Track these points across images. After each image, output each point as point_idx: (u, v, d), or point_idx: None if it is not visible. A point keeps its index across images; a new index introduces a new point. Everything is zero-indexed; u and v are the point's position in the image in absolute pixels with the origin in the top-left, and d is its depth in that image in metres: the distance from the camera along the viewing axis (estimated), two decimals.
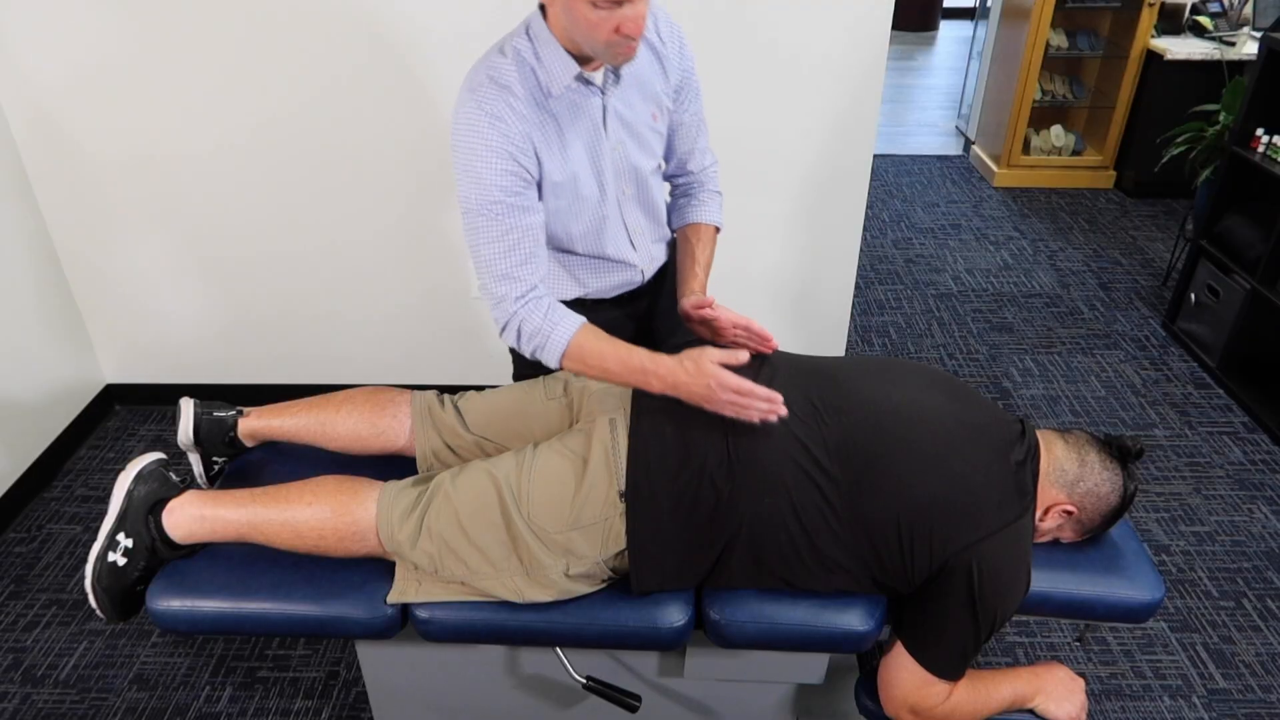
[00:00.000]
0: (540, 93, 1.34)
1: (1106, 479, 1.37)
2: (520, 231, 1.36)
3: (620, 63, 1.33)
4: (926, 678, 1.30)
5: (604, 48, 1.28)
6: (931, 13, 7.63)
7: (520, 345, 1.41)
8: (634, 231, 1.55)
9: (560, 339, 1.36)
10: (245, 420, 1.60)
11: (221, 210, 2.52)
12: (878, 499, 1.29)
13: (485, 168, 1.31)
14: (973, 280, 3.70)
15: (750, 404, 1.26)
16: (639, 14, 1.24)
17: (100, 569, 1.37)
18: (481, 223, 1.34)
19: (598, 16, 1.23)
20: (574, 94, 1.37)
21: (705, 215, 1.62)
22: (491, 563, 1.34)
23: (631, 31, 1.25)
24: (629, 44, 1.27)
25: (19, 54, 2.29)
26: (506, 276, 1.37)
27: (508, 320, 1.39)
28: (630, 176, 1.49)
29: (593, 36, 1.26)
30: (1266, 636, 2.09)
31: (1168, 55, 4.05)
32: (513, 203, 1.34)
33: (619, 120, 1.43)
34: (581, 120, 1.39)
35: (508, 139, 1.31)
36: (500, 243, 1.35)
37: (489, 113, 1.31)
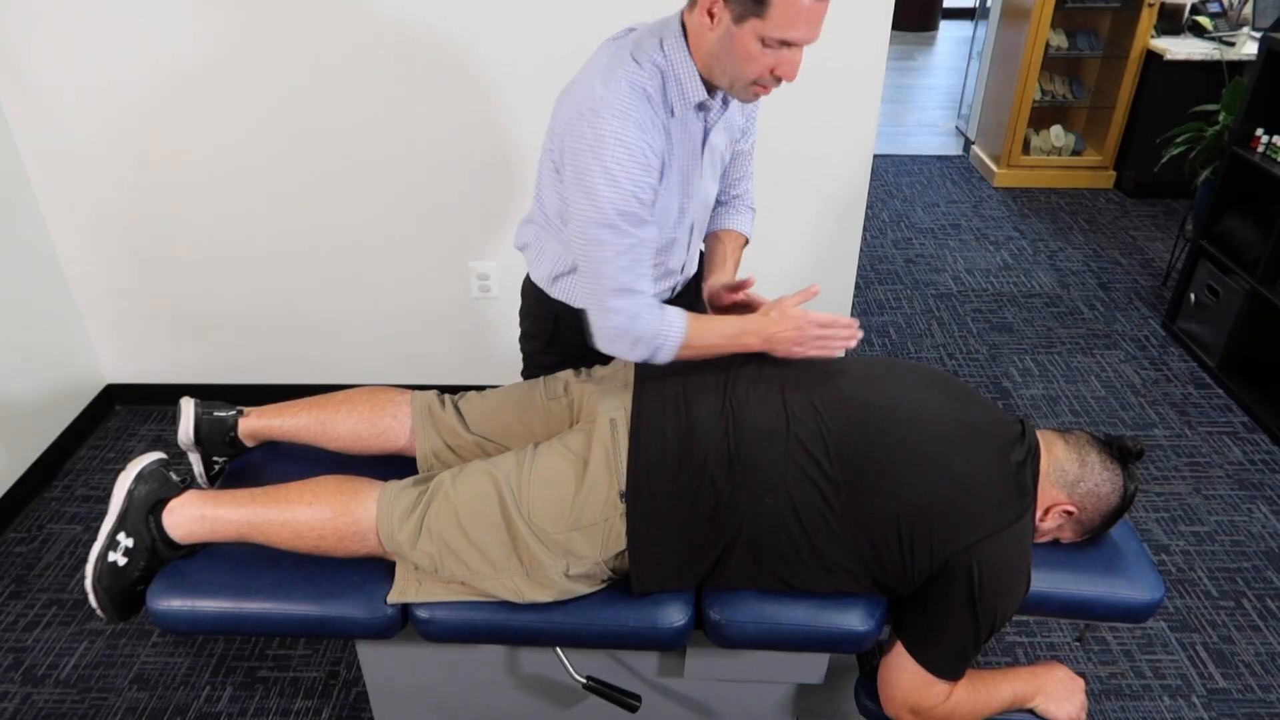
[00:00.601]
0: (667, 111, 1.33)
1: (1107, 479, 1.37)
2: (643, 245, 1.33)
3: (748, 99, 1.33)
4: (926, 678, 1.30)
5: (746, 85, 1.27)
6: (931, 13, 7.63)
7: (630, 353, 1.38)
8: (692, 255, 1.59)
9: (676, 338, 1.36)
10: (245, 420, 1.60)
11: (222, 211, 2.52)
12: (878, 499, 1.29)
13: (626, 176, 1.26)
14: (973, 280, 3.70)
15: (836, 335, 1.36)
16: (797, 60, 1.25)
17: (100, 569, 1.37)
18: (608, 235, 1.29)
19: (759, 53, 1.22)
20: (689, 116, 1.37)
21: (739, 224, 1.65)
22: (491, 563, 1.34)
23: (786, 75, 1.26)
24: (771, 85, 1.28)
25: (20, 54, 2.29)
26: (626, 290, 1.33)
27: (620, 332, 1.35)
28: (703, 203, 1.51)
29: (743, 71, 1.25)
30: (1266, 636, 2.09)
31: (1168, 55, 4.05)
32: (643, 214, 1.30)
33: (711, 152, 1.44)
34: (688, 145, 1.39)
35: (652, 149, 1.28)
36: (627, 255, 1.31)
37: (635, 121, 1.26)
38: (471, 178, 2.49)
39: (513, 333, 2.80)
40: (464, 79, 2.34)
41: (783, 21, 1.19)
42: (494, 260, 2.62)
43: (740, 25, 1.21)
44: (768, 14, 1.19)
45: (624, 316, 1.34)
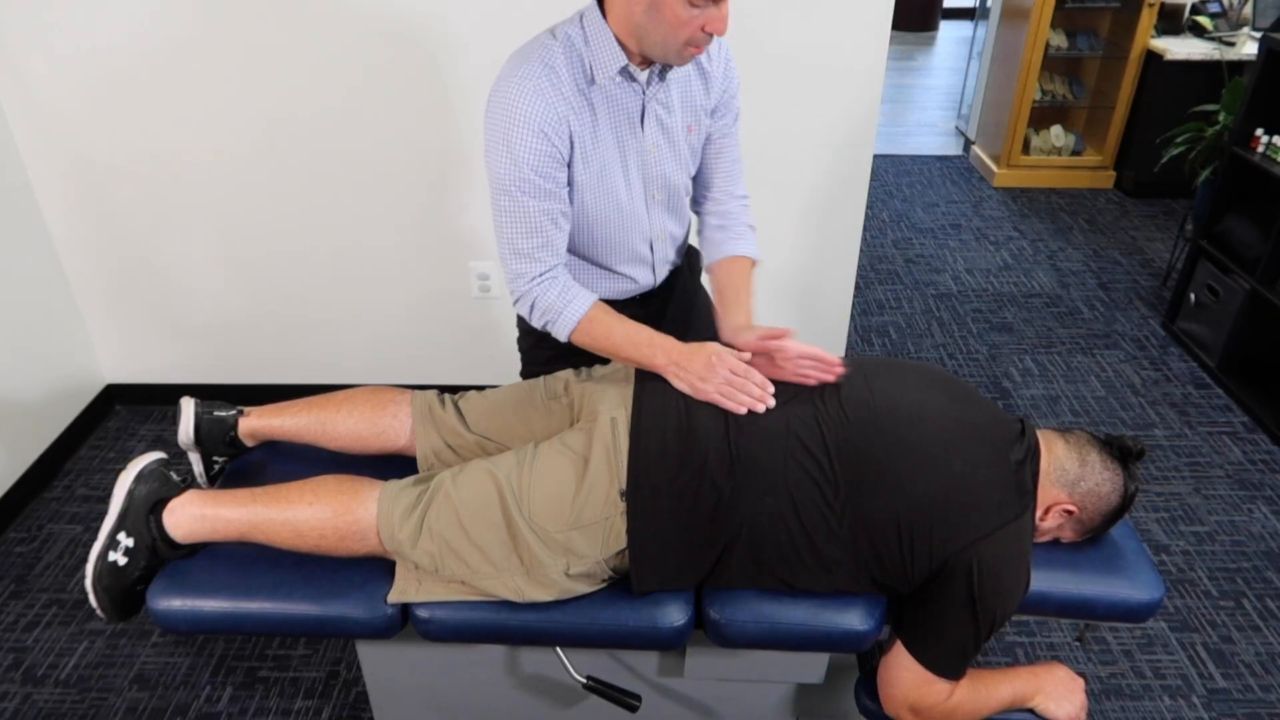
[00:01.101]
0: (584, 79, 1.35)
1: (1107, 479, 1.37)
2: (544, 214, 1.37)
3: (684, 62, 1.33)
4: (927, 677, 1.30)
5: (680, 46, 1.28)
6: (931, 13, 7.63)
7: (532, 318, 1.45)
8: (658, 236, 1.56)
9: (573, 315, 1.41)
10: (246, 420, 1.60)
11: (222, 211, 2.53)
12: (877, 499, 1.29)
13: (521, 144, 1.31)
14: (973, 280, 3.70)
15: (743, 386, 1.33)
16: (726, 14, 1.26)
17: (101, 568, 1.37)
18: (506, 201, 1.35)
19: (689, 15, 1.23)
20: (616, 86, 1.37)
21: (742, 248, 1.61)
22: (492, 562, 1.34)
23: (717, 30, 1.26)
24: (704, 43, 1.29)
25: (20, 54, 2.29)
26: (525, 255, 1.39)
27: (521, 295, 1.43)
28: (661, 181, 1.49)
29: (674, 35, 1.26)
30: (1266, 636, 2.09)
31: (1168, 55, 4.05)
32: (542, 183, 1.34)
33: (657, 123, 1.43)
34: (619, 114, 1.39)
35: (547, 117, 1.30)
36: (524, 223, 1.36)
37: (532, 89, 1.30)
38: (472, 177, 2.49)
39: (513, 333, 2.80)
40: (464, 79, 2.34)
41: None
42: (494, 260, 2.61)
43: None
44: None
45: (524, 281, 1.41)
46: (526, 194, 1.34)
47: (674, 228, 1.60)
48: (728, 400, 1.34)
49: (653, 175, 1.47)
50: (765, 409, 1.33)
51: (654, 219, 1.53)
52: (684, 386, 1.37)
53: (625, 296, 1.61)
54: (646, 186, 1.48)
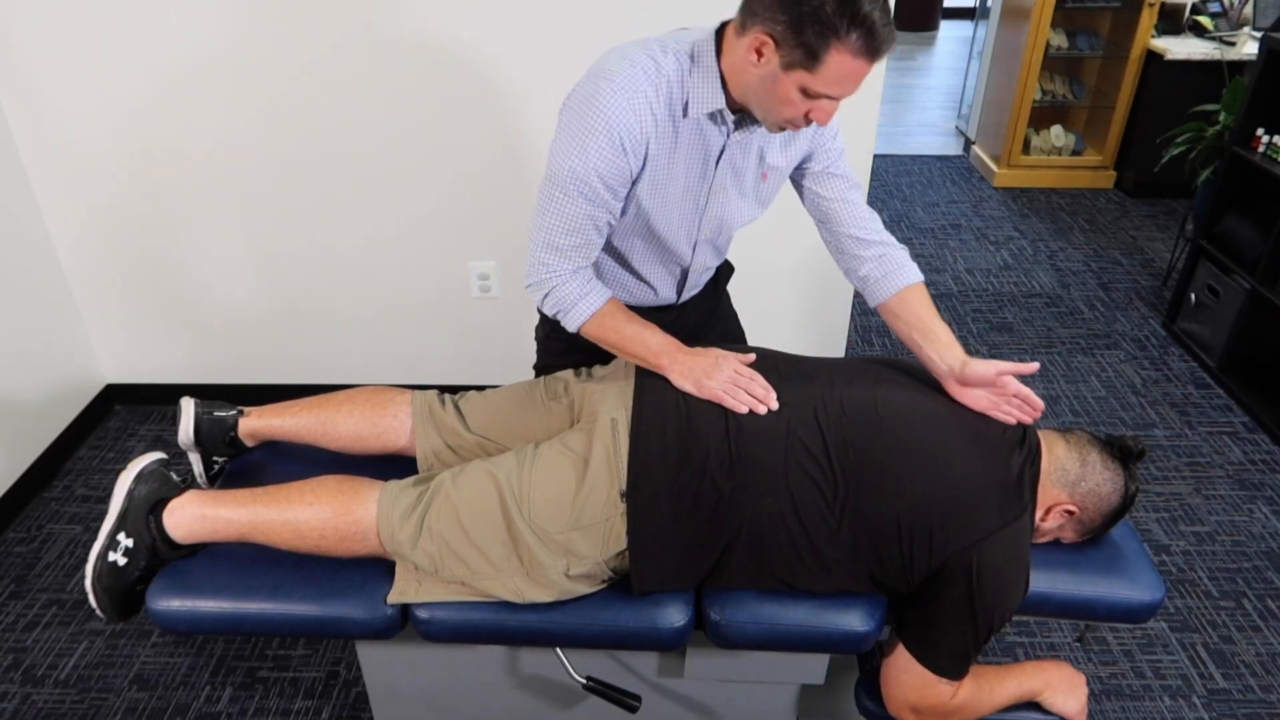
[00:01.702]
0: (679, 107, 1.30)
1: (1108, 479, 1.37)
2: (590, 219, 1.35)
3: (776, 131, 1.31)
4: (929, 678, 1.30)
5: (776, 119, 1.26)
6: (931, 13, 7.64)
7: (544, 305, 1.44)
8: (694, 268, 1.56)
9: (586, 308, 1.41)
10: (246, 420, 1.59)
11: (222, 211, 2.52)
12: (878, 499, 1.29)
13: (595, 148, 1.27)
14: (973, 280, 3.70)
15: (747, 386, 1.34)
16: (834, 109, 1.23)
17: (100, 569, 1.37)
18: (559, 195, 1.32)
19: (799, 100, 1.21)
20: (704, 124, 1.34)
21: (909, 276, 1.51)
22: (492, 563, 1.34)
23: (820, 120, 1.24)
24: (802, 125, 1.26)
25: (20, 54, 2.29)
26: (558, 250, 1.38)
27: (539, 283, 1.42)
28: (716, 224, 1.47)
29: (777, 112, 1.24)
30: (1266, 636, 2.09)
31: (1168, 55, 4.05)
32: (601, 191, 1.31)
33: (730, 167, 1.40)
34: (698, 150, 1.36)
35: (631, 132, 1.27)
36: (568, 221, 1.34)
37: (627, 100, 1.25)
38: (472, 177, 2.48)
39: (513, 333, 2.80)
40: (465, 79, 2.34)
41: (831, 79, 1.17)
42: (494, 260, 2.61)
43: (787, 73, 1.18)
44: (818, 70, 1.16)
45: (547, 270, 1.40)
46: (582, 195, 1.31)
47: (712, 261, 1.60)
48: (730, 398, 1.34)
49: (711, 215, 1.46)
50: (766, 411, 1.33)
51: (697, 254, 1.53)
52: (688, 385, 1.37)
53: (644, 305, 1.59)
54: (701, 224, 1.46)
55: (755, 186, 1.47)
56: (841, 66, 1.15)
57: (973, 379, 1.37)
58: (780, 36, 1.15)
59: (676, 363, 1.39)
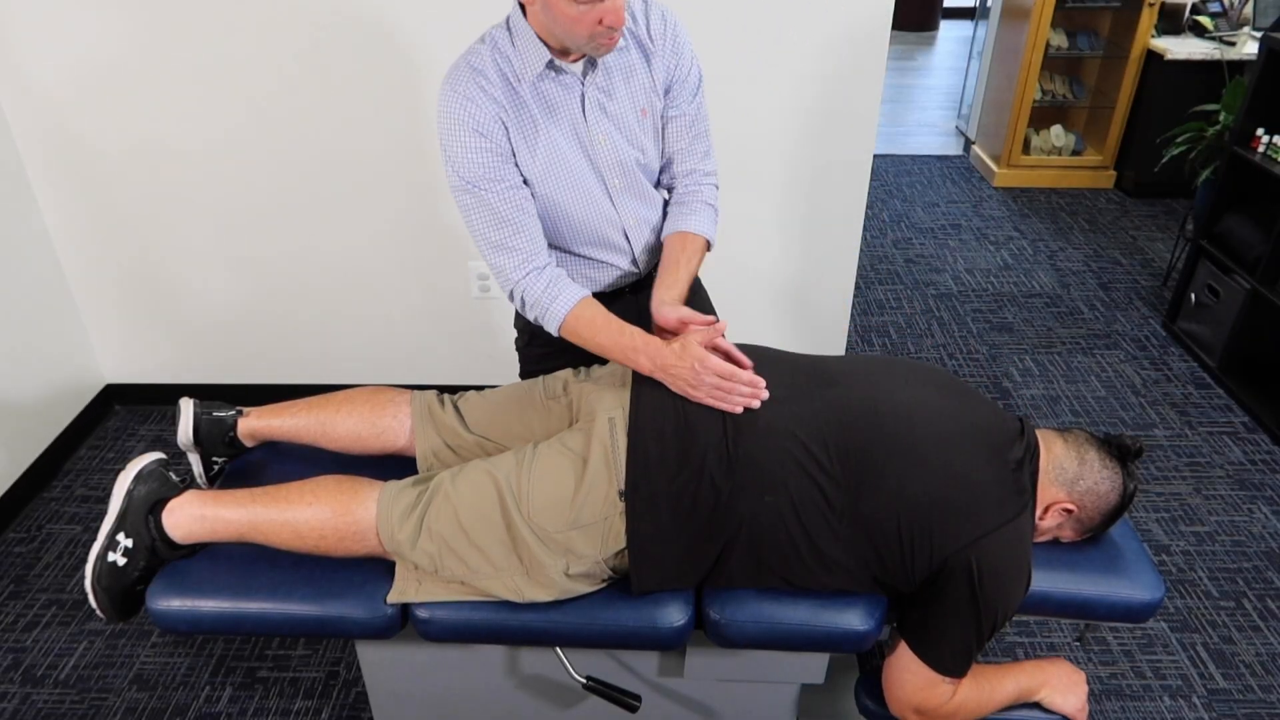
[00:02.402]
0: (514, 77, 1.38)
1: (1106, 477, 1.37)
2: (504, 203, 1.40)
3: (603, 53, 1.36)
4: (931, 677, 1.30)
5: (586, 40, 1.31)
6: (931, 13, 7.63)
7: (526, 313, 1.48)
8: (629, 223, 1.55)
9: (561, 309, 1.43)
10: (245, 420, 1.59)
11: (222, 211, 2.52)
12: (877, 498, 1.29)
13: (459, 146, 1.37)
14: (973, 280, 3.70)
15: (733, 389, 1.33)
16: (619, 6, 1.27)
17: (100, 569, 1.37)
18: (466, 199, 1.41)
19: (578, 12, 1.26)
20: (549, 82, 1.40)
21: (694, 225, 1.56)
22: (491, 562, 1.34)
23: (613, 22, 1.28)
24: (611, 34, 1.30)
25: (20, 54, 2.29)
26: (500, 246, 1.43)
27: (511, 289, 1.46)
28: (618, 168, 1.49)
29: (574, 31, 1.29)
30: (1266, 636, 2.09)
31: (1168, 55, 4.05)
32: (490, 177, 1.38)
33: (601, 111, 1.44)
34: (560, 109, 1.42)
35: (476, 118, 1.36)
36: (487, 216, 1.41)
37: (461, 93, 1.36)
38: None
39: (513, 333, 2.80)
40: None
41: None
42: None
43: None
44: None
45: (506, 276, 1.45)
46: (481, 188, 1.39)
47: (647, 212, 1.58)
48: (721, 403, 1.34)
49: (607, 163, 1.48)
50: (760, 404, 1.34)
51: (621, 207, 1.53)
52: (677, 391, 1.37)
53: (612, 286, 1.61)
54: (605, 176, 1.49)
55: (638, 122, 1.49)
56: None
57: (659, 320, 1.43)
58: None
59: (658, 368, 1.37)
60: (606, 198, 1.50)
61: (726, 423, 1.33)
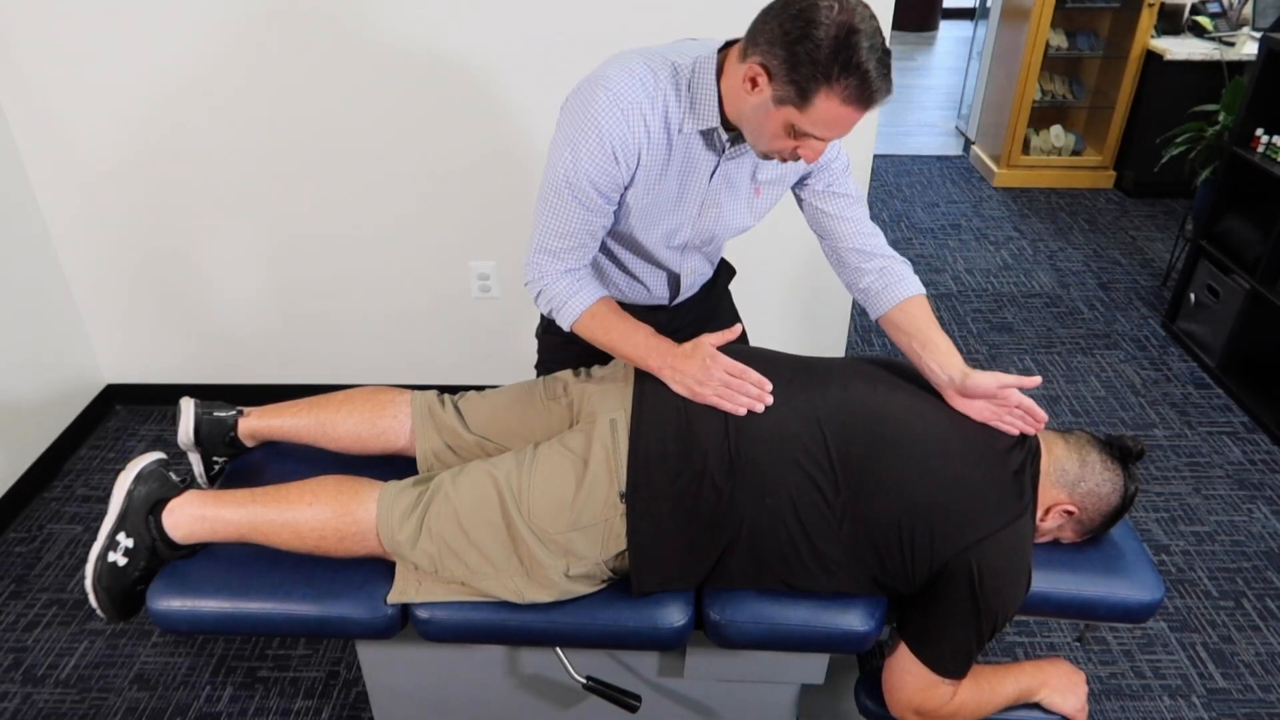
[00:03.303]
0: (675, 120, 1.30)
1: (1107, 479, 1.37)
2: (584, 224, 1.36)
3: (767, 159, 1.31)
4: (932, 679, 1.30)
5: (766, 149, 1.25)
6: (931, 13, 7.64)
7: (538, 303, 1.47)
8: (685, 273, 1.56)
9: (578, 306, 1.42)
10: (245, 420, 1.60)
11: (222, 211, 2.52)
12: (878, 501, 1.29)
13: (587, 155, 1.27)
14: (973, 280, 3.70)
15: (741, 388, 1.33)
16: (822, 149, 1.22)
17: (100, 569, 1.37)
18: (554, 198, 1.34)
19: (788, 137, 1.21)
20: (698, 140, 1.33)
21: (909, 288, 1.54)
22: (491, 563, 1.34)
23: (808, 158, 1.23)
24: (792, 159, 1.26)
25: (21, 55, 2.29)
26: (552, 253, 1.40)
27: (533, 280, 1.44)
28: (708, 235, 1.47)
29: (765, 143, 1.24)
30: (1266, 636, 2.09)
31: (1168, 55, 4.05)
32: (594, 196, 1.32)
33: (725, 181, 1.40)
34: (692, 164, 1.36)
35: (623, 141, 1.27)
36: (562, 224, 1.36)
37: (621, 110, 1.25)
38: (472, 178, 2.48)
39: (513, 333, 2.80)
40: (465, 79, 2.34)
41: (819, 122, 1.16)
42: (494, 260, 2.61)
43: (778, 107, 1.17)
44: (807, 110, 1.15)
45: (539, 271, 1.43)
46: (575, 200, 1.32)
47: (704, 268, 1.60)
48: (726, 402, 1.33)
49: (703, 227, 1.45)
50: (764, 408, 1.33)
51: (686, 261, 1.53)
52: (681, 390, 1.37)
53: (639, 303, 1.59)
54: (692, 234, 1.46)
55: (749, 200, 1.46)
56: (830, 110, 1.14)
57: (974, 390, 1.36)
58: (775, 70, 1.14)
59: (667, 366, 1.38)
60: (679, 251, 1.50)
61: (728, 425, 1.33)
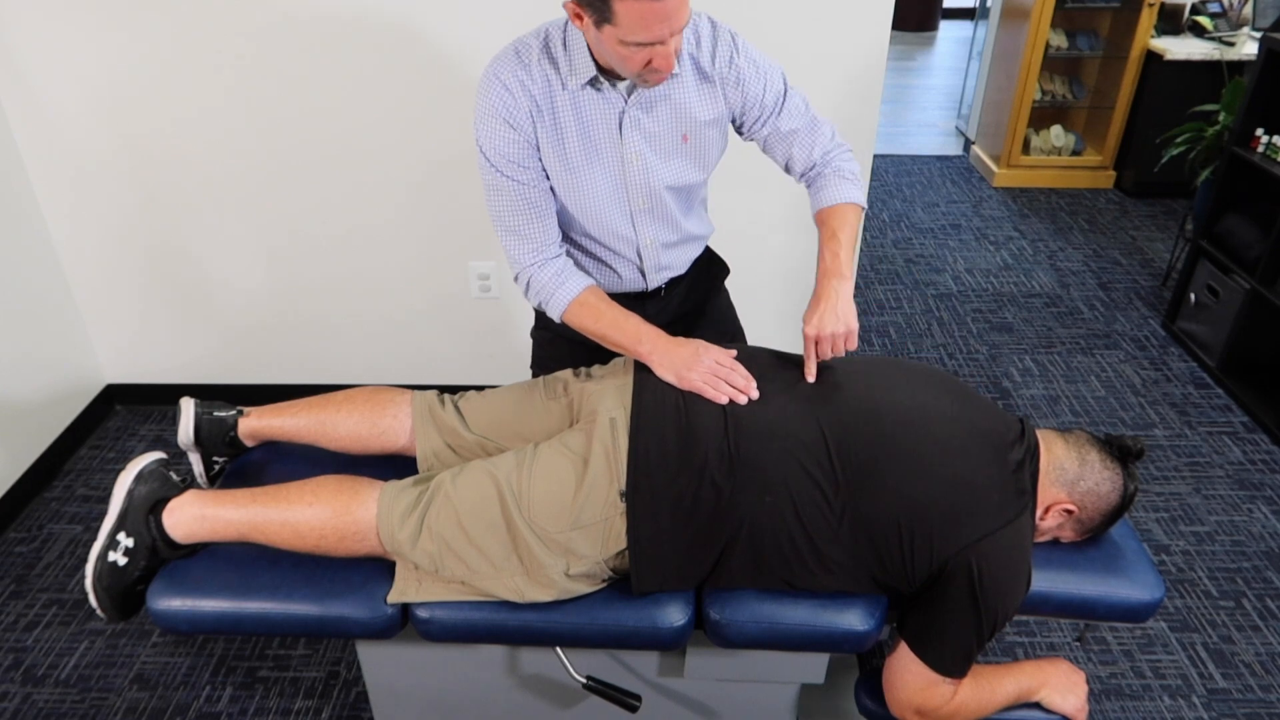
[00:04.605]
0: (558, 81, 1.37)
1: (1107, 478, 1.37)
2: (525, 191, 1.42)
3: (651, 86, 1.35)
4: (932, 678, 1.30)
5: (633, 75, 1.30)
6: (931, 13, 7.64)
7: (528, 296, 1.51)
8: (645, 244, 1.55)
9: (565, 295, 1.47)
10: (245, 420, 1.60)
11: (222, 211, 2.53)
12: (878, 500, 1.29)
13: (490, 132, 1.39)
14: (973, 280, 3.70)
15: (728, 377, 1.37)
16: (669, 51, 1.25)
17: (101, 569, 1.37)
18: (490, 178, 1.42)
19: (629, 52, 1.24)
20: (590, 94, 1.39)
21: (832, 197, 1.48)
22: (492, 562, 1.34)
23: (661, 66, 1.27)
24: (658, 75, 1.29)
25: (22, 55, 2.29)
26: (515, 232, 1.46)
27: (519, 273, 1.49)
28: (644, 189, 1.48)
29: (624, 67, 1.28)
30: (1266, 636, 2.09)
31: (1167, 55, 4.05)
32: (516, 165, 1.40)
33: (639, 130, 1.42)
34: (595, 123, 1.41)
35: (511, 109, 1.37)
36: (507, 201, 1.43)
37: (501, 82, 1.37)
38: (472, 178, 2.48)
39: (513, 333, 2.80)
40: (464, 80, 2.34)
41: (633, 27, 1.20)
42: (494, 260, 2.62)
43: (600, 30, 1.23)
44: (618, 22, 1.20)
45: (517, 261, 1.48)
46: (503, 174, 1.41)
47: (666, 235, 1.57)
48: (710, 389, 1.36)
49: (635, 184, 1.47)
50: (757, 402, 1.36)
51: (640, 228, 1.53)
52: (669, 376, 1.39)
53: (615, 291, 1.60)
54: (630, 195, 1.48)
55: (678, 148, 1.47)
56: (633, 13, 1.19)
57: None
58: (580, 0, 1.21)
59: (657, 351, 1.41)
60: (627, 217, 1.50)
61: (728, 424, 1.33)
